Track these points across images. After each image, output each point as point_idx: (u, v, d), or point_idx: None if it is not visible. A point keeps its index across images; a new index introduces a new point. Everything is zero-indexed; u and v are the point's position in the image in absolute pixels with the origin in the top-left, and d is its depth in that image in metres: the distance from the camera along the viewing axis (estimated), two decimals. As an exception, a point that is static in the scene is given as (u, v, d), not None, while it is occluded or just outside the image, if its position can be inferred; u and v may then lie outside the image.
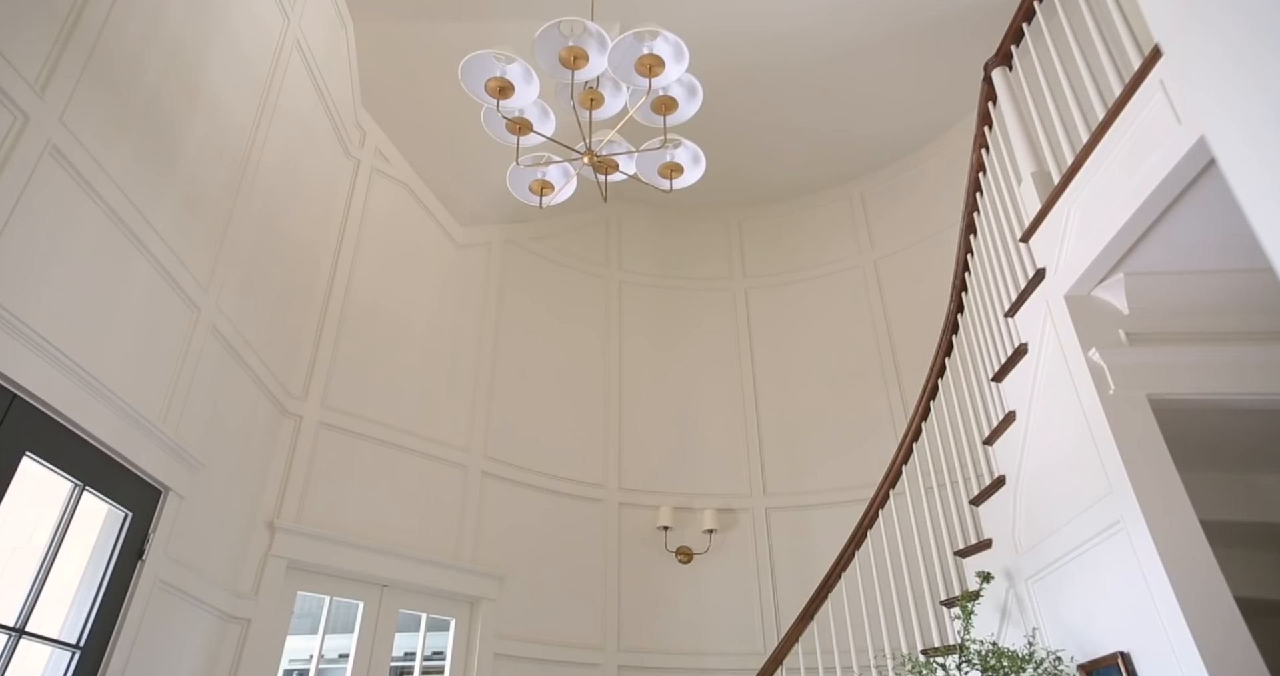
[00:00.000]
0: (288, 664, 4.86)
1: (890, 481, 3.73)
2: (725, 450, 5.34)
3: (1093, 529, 2.48)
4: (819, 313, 5.69)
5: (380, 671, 3.80)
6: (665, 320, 5.89)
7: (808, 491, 5.06)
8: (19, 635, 2.18)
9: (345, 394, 4.16)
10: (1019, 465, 3.00)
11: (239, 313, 3.41)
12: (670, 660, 4.62)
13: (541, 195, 3.06)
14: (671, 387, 5.59)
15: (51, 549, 2.33)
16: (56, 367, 2.27)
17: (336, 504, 3.89)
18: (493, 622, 4.24)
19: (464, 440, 4.63)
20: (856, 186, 5.99)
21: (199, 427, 3.10)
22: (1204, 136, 1.75)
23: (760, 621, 4.72)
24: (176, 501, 2.90)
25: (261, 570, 3.49)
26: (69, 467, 2.37)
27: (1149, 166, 2.03)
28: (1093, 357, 2.45)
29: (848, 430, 5.16)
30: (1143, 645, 2.27)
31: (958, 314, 3.66)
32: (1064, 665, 2.63)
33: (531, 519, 4.70)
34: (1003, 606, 3.04)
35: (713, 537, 4.99)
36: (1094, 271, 2.37)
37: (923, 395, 3.71)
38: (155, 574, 2.75)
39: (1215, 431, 2.58)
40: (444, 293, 4.97)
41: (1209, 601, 2.10)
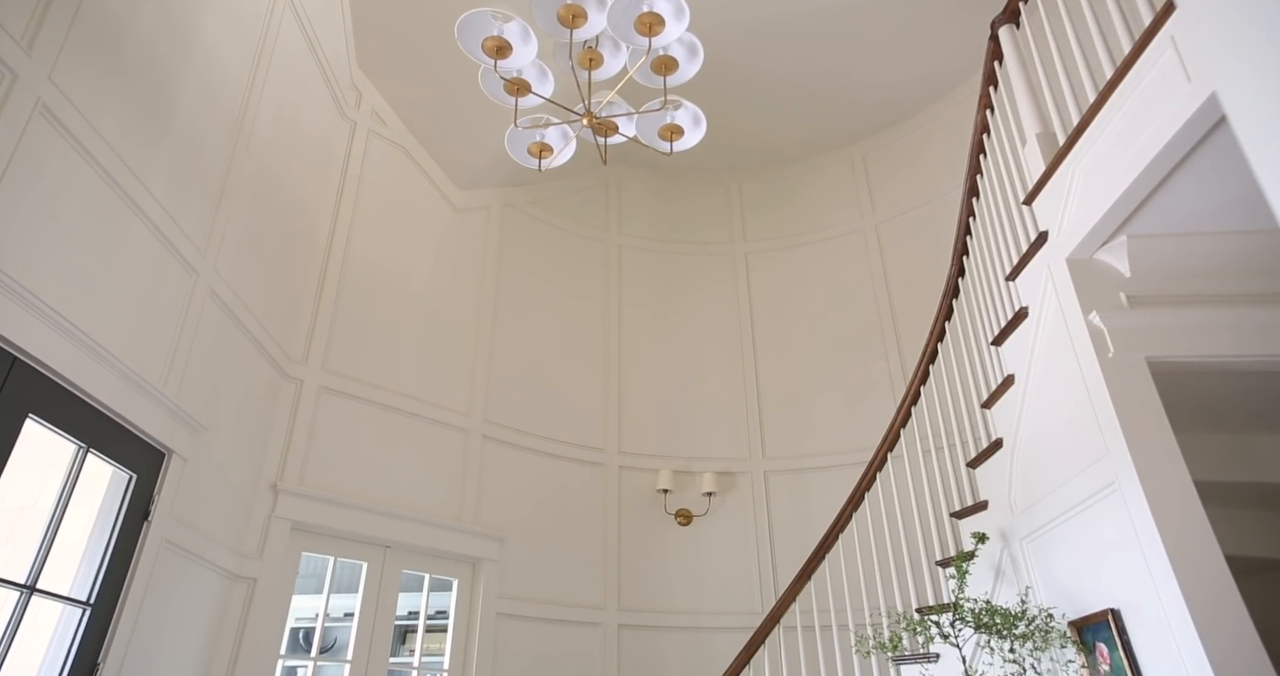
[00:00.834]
0: (294, 622, 4.97)
1: (888, 445, 3.76)
2: (725, 414, 5.37)
3: (1088, 490, 2.50)
4: (819, 277, 5.68)
5: (385, 630, 3.87)
6: (665, 285, 5.87)
7: (806, 455, 5.11)
8: (30, 592, 2.22)
9: (345, 358, 4.17)
10: (1016, 428, 3.02)
11: (237, 277, 3.40)
12: (669, 619, 4.71)
13: (540, 158, 3.03)
14: (671, 352, 5.60)
15: (58, 509, 2.35)
16: (56, 330, 2.27)
17: (338, 467, 3.93)
18: (495, 583, 4.31)
19: (464, 404, 4.65)
20: (859, 149, 5.93)
21: (200, 391, 3.11)
22: (1215, 93, 1.73)
23: (758, 582, 4.80)
24: (180, 464, 2.92)
25: (266, 531, 3.54)
26: (72, 430, 2.39)
27: (1157, 125, 2.00)
28: (1093, 321, 2.45)
29: (847, 394, 5.19)
30: (1133, 602, 2.32)
31: (958, 278, 3.65)
32: (1055, 621, 2.69)
33: (532, 482, 4.75)
34: (997, 566, 3.09)
35: (712, 500, 5.05)
36: (1097, 234, 2.36)
37: (922, 359, 3.72)
38: (161, 534, 2.79)
39: (1212, 393, 2.59)
40: (442, 257, 4.95)
41: (1200, 560, 2.13)
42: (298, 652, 5.02)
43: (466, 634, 4.17)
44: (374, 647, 3.79)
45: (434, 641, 4.84)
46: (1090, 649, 2.50)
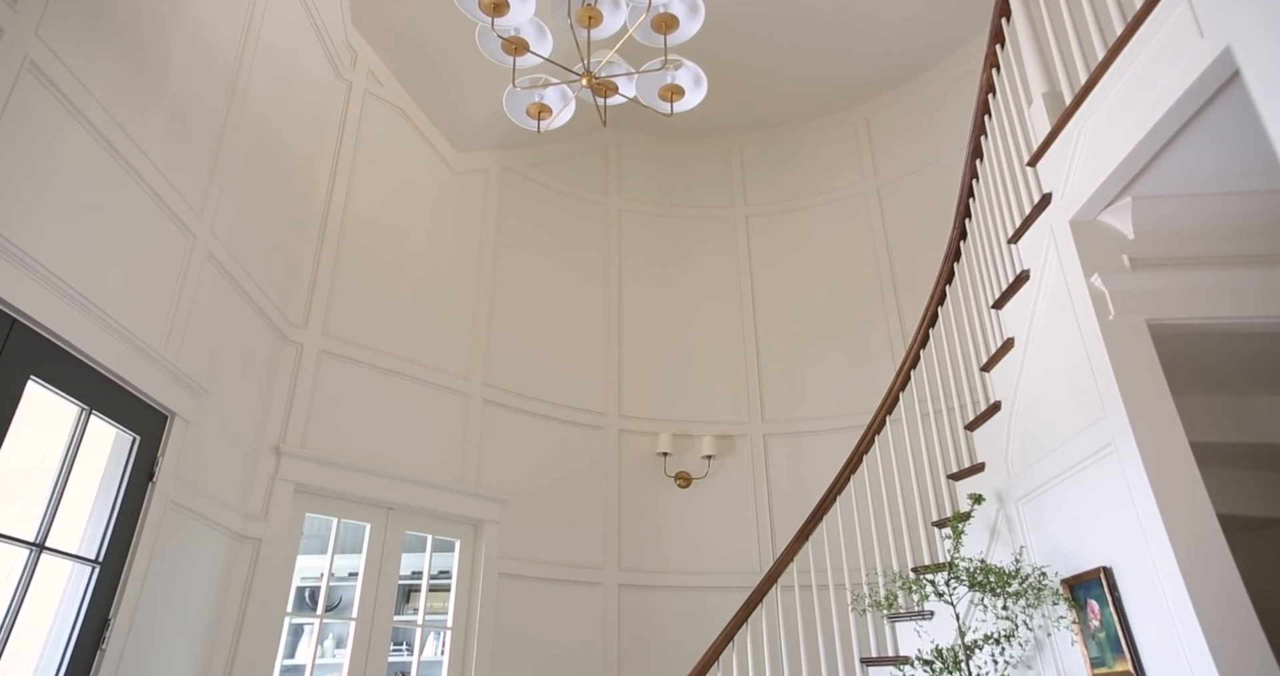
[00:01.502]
0: (300, 581, 5.05)
1: (887, 408, 3.79)
2: (724, 378, 5.39)
3: (1084, 451, 2.52)
4: (820, 241, 5.65)
5: (389, 589, 3.94)
6: (665, 249, 5.84)
7: (805, 418, 5.14)
8: (40, 550, 2.25)
9: (345, 322, 4.17)
10: (1015, 391, 3.04)
11: (235, 240, 3.38)
12: (669, 578, 4.79)
13: (539, 119, 2.98)
14: (671, 316, 5.60)
15: (63, 470, 2.38)
16: (54, 292, 2.27)
17: (340, 430, 3.96)
18: (496, 544, 4.37)
19: (464, 368, 4.67)
20: (861, 111, 5.85)
21: (201, 355, 3.12)
22: (1229, 47, 1.70)
23: (756, 542, 4.87)
24: (183, 426, 2.94)
25: (270, 493, 3.58)
26: (74, 392, 2.40)
27: (1168, 82, 1.97)
28: (1094, 283, 2.44)
29: (846, 358, 5.20)
30: (1125, 560, 2.35)
31: (960, 241, 3.63)
32: (1048, 580, 2.73)
33: (533, 445, 4.79)
34: (992, 526, 3.14)
35: (711, 463, 5.10)
36: (1101, 195, 2.34)
37: (922, 323, 3.72)
38: (166, 495, 2.82)
39: (1211, 355, 2.60)
40: (441, 220, 4.91)
41: (1192, 519, 2.16)
42: (304, 610, 5.11)
43: (469, 593, 4.24)
44: (378, 606, 3.86)
45: (437, 600, 4.93)
46: (1081, 605, 2.55)
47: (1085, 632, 2.53)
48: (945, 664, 2.82)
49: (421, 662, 4.35)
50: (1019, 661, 2.86)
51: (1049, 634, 2.75)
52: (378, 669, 3.76)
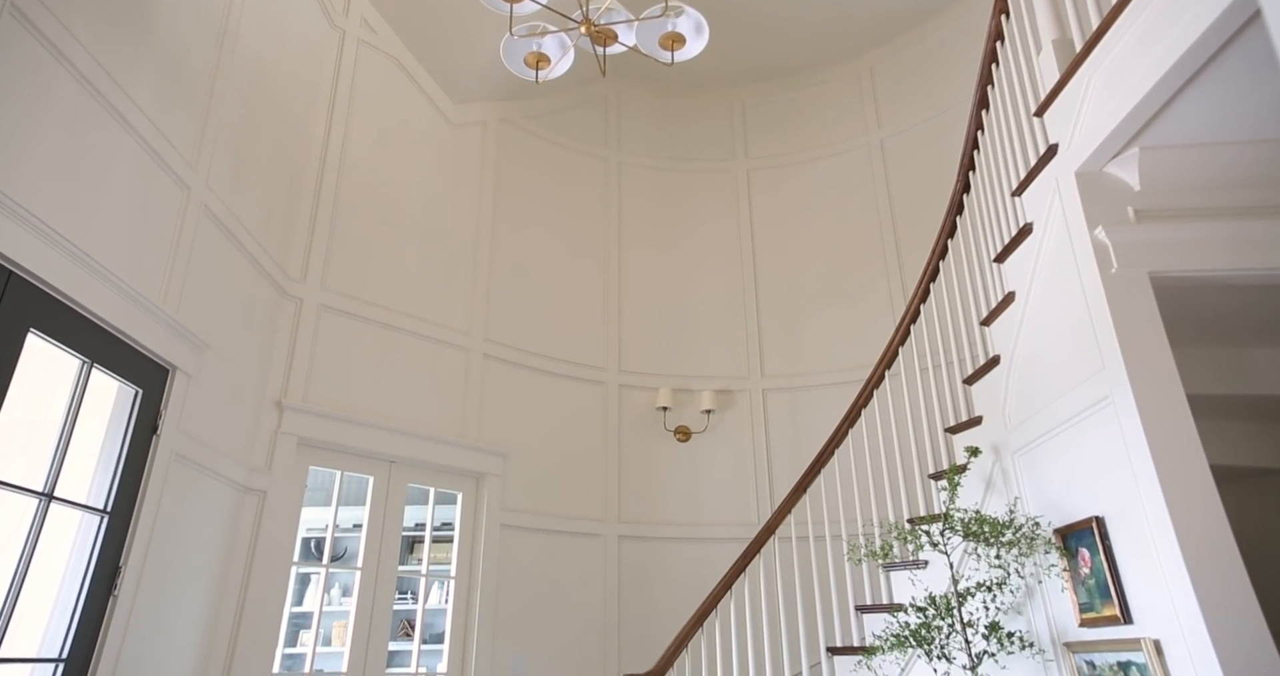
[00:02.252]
0: (305, 532, 5.14)
1: (886, 362, 3.80)
2: (724, 332, 5.40)
3: (1081, 404, 2.54)
4: (822, 195, 5.59)
5: (393, 540, 4.01)
6: (665, 203, 5.79)
7: (805, 373, 5.17)
8: (48, 500, 2.29)
9: (344, 277, 4.15)
10: (1014, 345, 3.04)
11: (230, 193, 3.34)
12: (668, 530, 4.88)
13: (537, 69, 2.92)
14: (671, 271, 5.58)
15: (67, 422, 2.39)
16: (50, 245, 2.25)
17: (341, 384, 3.98)
18: (498, 496, 4.43)
19: (464, 323, 4.67)
20: (865, 61, 5.72)
21: (200, 309, 3.11)
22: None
23: (755, 495, 4.94)
24: (185, 380, 2.95)
25: (273, 446, 3.61)
26: (75, 345, 2.40)
27: (1183, 25, 1.92)
28: (1098, 236, 2.42)
29: (847, 313, 5.20)
30: (1117, 510, 2.39)
31: (964, 194, 3.59)
32: (1041, 529, 2.78)
33: (533, 400, 4.82)
34: (988, 478, 3.18)
35: (710, 417, 5.14)
36: (1109, 145, 2.30)
37: (923, 277, 3.70)
38: (171, 447, 2.84)
39: (1211, 308, 2.59)
40: (439, 173, 4.85)
41: (1185, 469, 2.19)
42: (310, 560, 5.21)
43: (472, 544, 4.32)
44: (383, 556, 3.94)
45: (440, 551, 5.03)
46: (1073, 554, 2.60)
47: (1075, 580, 2.58)
48: (938, 610, 2.89)
49: (426, 610, 4.45)
50: (1009, 607, 2.93)
51: (1040, 581, 2.81)
52: (383, 616, 3.85)
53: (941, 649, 2.85)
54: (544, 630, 4.37)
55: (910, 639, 2.88)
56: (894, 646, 2.91)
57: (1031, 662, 2.81)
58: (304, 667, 3.78)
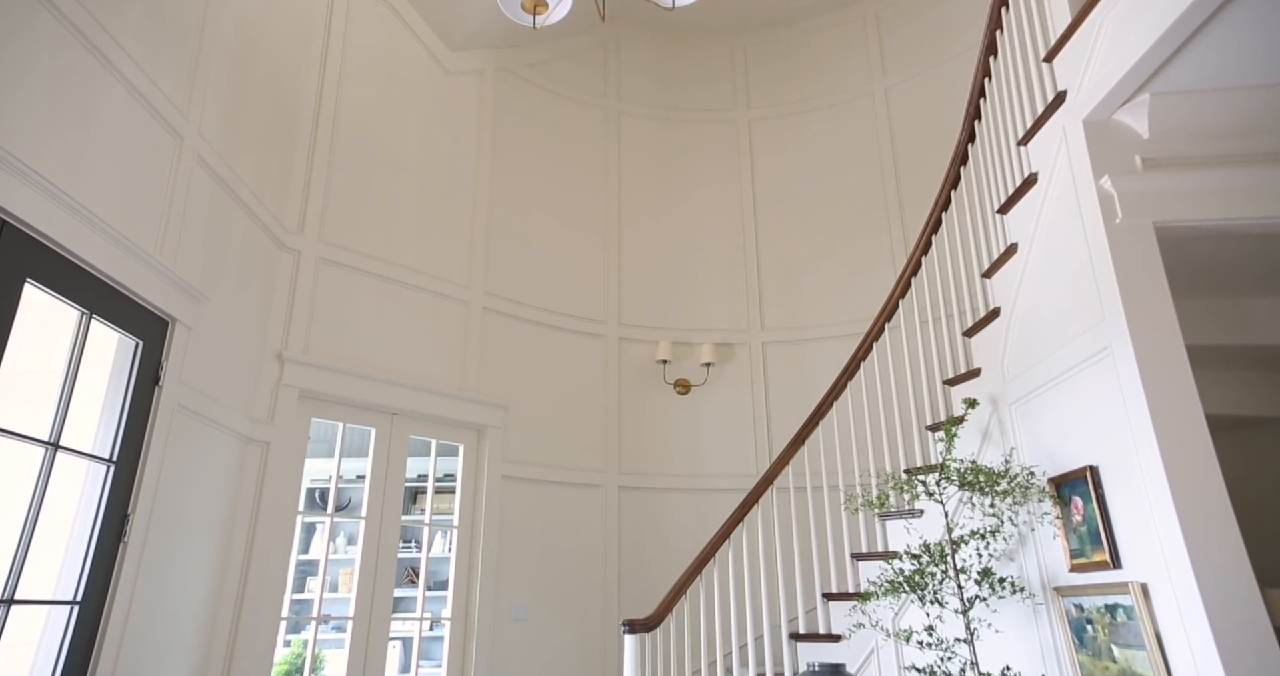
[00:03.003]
0: (309, 483, 5.22)
1: (886, 315, 3.80)
2: (724, 285, 5.39)
3: (1080, 355, 2.55)
4: (824, 145, 5.51)
5: (396, 491, 4.07)
6: (666, 153, 5.70)
7: (804, 326, 5.17)
8: (55, 449, 2.31)
9: (341, 229, 4.12)
10: (1015, 297, 3.03)
11: (224, 143, 3.28)
12: (667, 481, 4.94)
13: (535, 14, 2.85)
14: (672, 223, 5.54)
15: (69, 373, 2.40)
16: (43, 194, 2.22)
17: (341, 337, 3.98)
18: (499, 448, 4.48)
19: (463, 276, 4.65)
20: (871, 5, 5.57)
21: (197, 260, 3.09)
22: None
23: (754, 447, 5.00)
24: (185, 332, 2.95)
25: (275, 398, 3.64)
26: (73, 296, 2.39)
27: (1197, -33, 1.86)
28: (1104, 185, 2.39)
29: (847, 266, 5.18)
30: (1111, 459, 2.42)
31: (968, 144, 3.54)
32: (1036, 478, 2.82)
33: (533, 352, 4.83)
34: (985, 429, 3.21)
35: (710, 370, 5.16)
36: (1120, 91, 2.25)
37: (925, 228, 3.67)
38: (173, 399, 2.86)
39: (1214, 257, 2.58)
40: (436, 124, 4.77)
41: (1181, 419, 2.21)
42: (315, 510, 5.30)
43: (474, 495, 4.38)
44: (386, 506, 4.00)
45: (443, 501, 5.10)
46: (1066, 502, 2.64)
47: (1067, 527, 2.63)
48: (932, 557, 2.94)
49: (430, 559, 4.55)
50: (1002, 554, 2.99)
51: (1032, 529, 2.86)
52: (388, 564, 3.93)
53: (934, 594, 2.91)
54: (546, 577, 4.47)
55: (904, 585, 2.95)
56: (888, 592, 2.98)
57: (1021, 607, 2.88)
58: (311, 612, 3.88)
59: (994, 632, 2.96)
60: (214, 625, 3.22)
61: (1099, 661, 2.46)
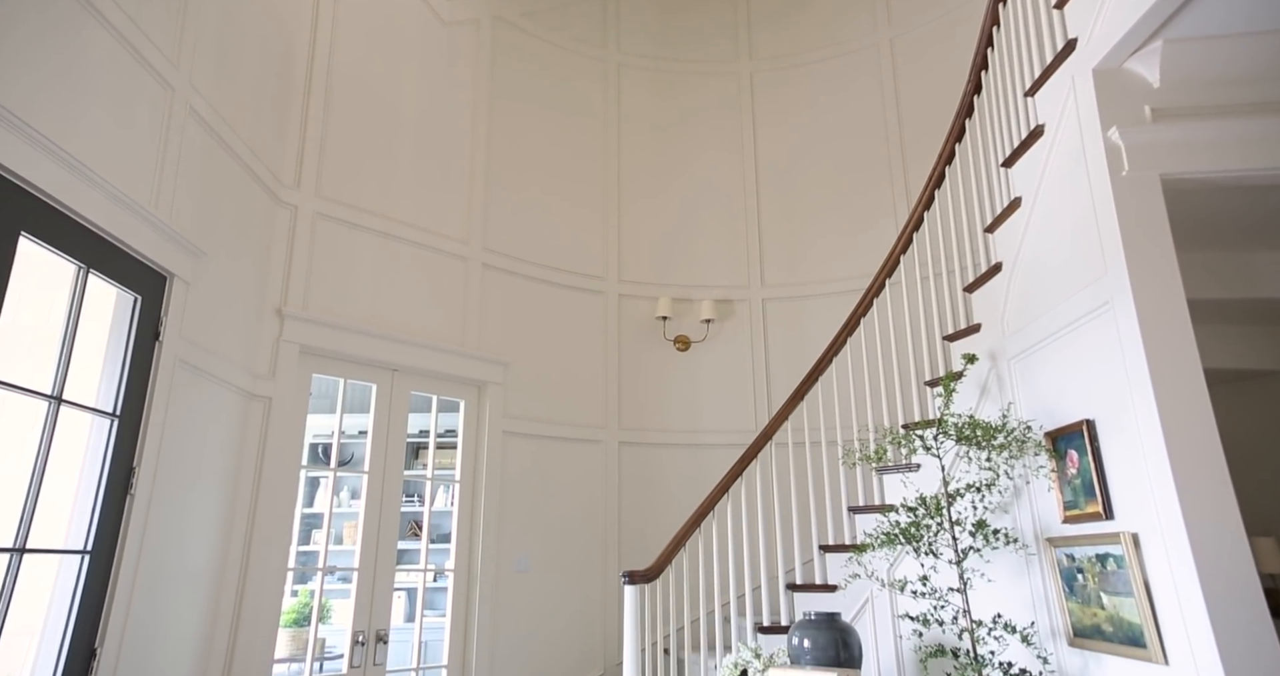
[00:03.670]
0: (312, 438, 5.27)
1: (887, 271, 3.78)
2: (725, 242, 5.35)
3: (1081, 309, 2.55)
4: (827, 98, 5.41)
5: (398, 446, 4.11)
6: (666, 106, 5.61)
7: (805, 282, 5.16)
8: (58, 402, 2.32)
9: (338, 184, 4.07)
10: (1017, 251, 3.02)
11: (216, 94, 3.22)
12: (667, 436, 4.99)
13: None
14: (671, 177, 5.47)
15: (69, 327, 2.40)
16: (34, 147, 2.19)
17: (341, 292, 3.97)
18: (500, 404, 4.51)
19: (462, 231, 4.61)
20: (879, -47, 5.41)
21: (193, 216, 3.06)
22: None
23: (753, 403, 5.03)
24: (183, 287, 2.94)
25: (275, 354, 3.64)
26: (69, 250, 2.37)
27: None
28: (1111, 137, 2.36)
29: (849, 221, 5.14)
30: (1108, 413, 2.44)
31: (974, 96, 3.48)
32: (1033, 432, 2.85)
33: (533, 309, 4.83)
34: (983, 384, 3.22)
35: (710, 327, 5.17)
36: (1132, 38, 2.20)
37: (928, 183, 3.63)
38: (174, 354, 2.86)
39: (1218, 210, 2.56)
40: (433, 75, 4.68)
41: (1179, 373, 2.22)
42: (318, 464, 5.37)
43: (475, 450, 4.43)
44: (388, 461, 4.04)
45: (445, 456, 5.16)
46: (1061, 455, 2.67)
47: (1062, 480, 2.66)
48: (927, 510, 2.99)
49: (432, 512, 4.61)
50: (997, 507, 3.04)
51: (1027, 482, 2.89)
52: (391, 517, 3.99)
53: (929, 545, 2.97)
54: (547, 531, 4.55)
55: (900, 536, 3.00)
56: (884, 543, 3.03)
57: (1014, 557, 2.94)
58: (317, 563, 3.96)
59: (986, 582, 3.03)
60: (222, 575, 3.28)
61: (1088, 608, 2.52)
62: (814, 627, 2.98)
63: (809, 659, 2.92)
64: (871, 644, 3.29)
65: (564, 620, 4.48)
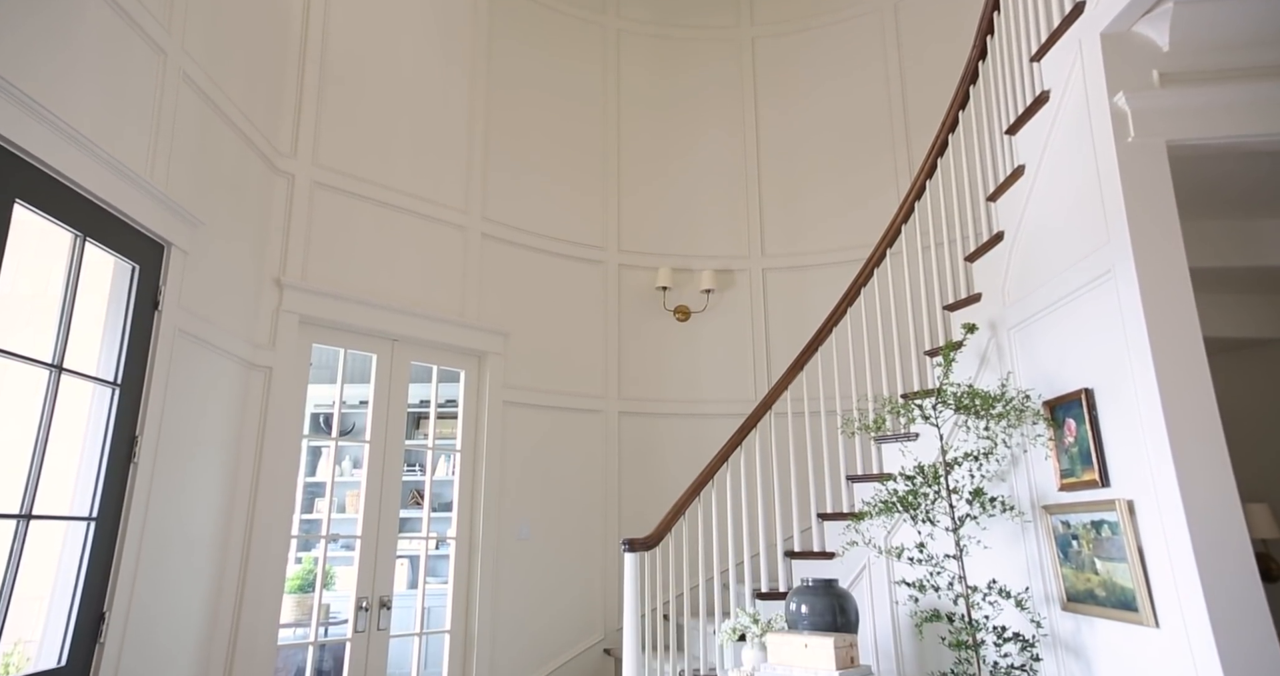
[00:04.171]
0: (314, 408, 5.29)
1: (888, 240, 3.76)
2: (725, 211, 5.32)
3: (1082, 278, 2.54)
4: (830, 65, 5.33)
5: (398, 416, 4.13)
6: (666, 73, 5.53)
7: (805, 252, 5.13)
8: (59, 371, 2.33)
9: (335, 152, 4.03)
10: (1020, 220, 3.00)
11: (210, 60, 3.17)
12: (667, 406, 5.01)
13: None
14: (672, 146, 5.42)
15: (67, 295, 2.39)
16: (27, 113, 2.16)
17: (340, 263, 3.96)
18: (500, 374, 4.52)
19: (460, 201, 4.58)
20: (884, -85, 5.29)
21: (189, 184, 3.04)
22: None
23: (753, 373, 5.04)
24: (181, 256, 2.93)
25: (275, 324, 3.64)
26: (65, 218, 2.36)
27: None
28: (1118, 102, 2.33)
29: (851, 190, 5.10)
30: (1107, 382, 2.44)
31: (979, 61, 3.42)
32: (1031, 401, 2.86)
33: (533, 279, 4.81)
34: (983, 354, 3.23)
35: (710, 297, 5.16)
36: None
37: (931, 151, 3.60)
38: (174, 323, 2.86)
39: (1224, 177, 2.53)
40: (430, 43, 4.60)
41: (1179, 343, 2.21)
42: (320, 434, 5.40)
43: (476, 420, 4.45)
44: (389, 431, 4.06)
45: (446, 426, 5.19)
46: (1059, 424, 2.68)
47: (1059, 448, 2.68)
48: (925, 478, 3.01)
49: (434, 481, 4.65)
50: (994, 475, 3.06)
51: (1025, 451, 2.91)
52: (393, 486, 4.03)
53: (926, 513, 3.00)
54: (548, 499, 4.59)
55: (897, 504, 3.03)
56: (881, 511, 3.06)
57: (1010, 524, 2.97)
58: (321, 531, 4.00)
59: (982, 548, 3.06)
60: (227, 541, 3.32)
61: (1081, 573, 2.55)
62: (812, 593, 3.02)
63: (806, 624, 2.96)
64: (868, 609, 3.34)
65: (565, 586, 4.54)
